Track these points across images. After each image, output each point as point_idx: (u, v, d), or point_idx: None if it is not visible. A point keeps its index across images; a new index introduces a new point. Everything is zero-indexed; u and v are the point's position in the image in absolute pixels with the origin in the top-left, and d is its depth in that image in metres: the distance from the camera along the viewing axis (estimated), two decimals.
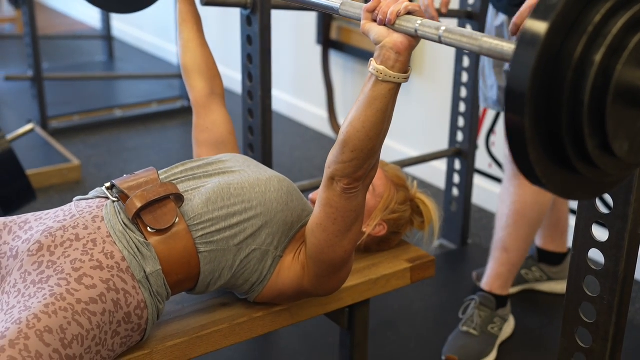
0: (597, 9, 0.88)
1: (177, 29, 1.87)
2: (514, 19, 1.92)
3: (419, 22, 1.24)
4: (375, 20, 1.30)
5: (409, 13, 1.26)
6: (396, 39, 1.26)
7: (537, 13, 0.87)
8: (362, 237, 1.73)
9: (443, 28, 1.18)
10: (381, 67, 1.28)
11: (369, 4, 1.30)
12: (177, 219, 1.45)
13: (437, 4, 2.32)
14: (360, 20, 1.34)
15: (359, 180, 1.39)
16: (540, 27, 0.86)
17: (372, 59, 1.30)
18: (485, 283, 2.34)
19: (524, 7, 1.89)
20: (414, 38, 1.26)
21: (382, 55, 1.28)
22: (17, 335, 1.21)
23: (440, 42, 1.20)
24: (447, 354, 2.19)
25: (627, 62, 0.88)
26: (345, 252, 1.49)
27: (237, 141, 1.85)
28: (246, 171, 1.59)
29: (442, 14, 2.25)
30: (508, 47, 1.06)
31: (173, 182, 1.54)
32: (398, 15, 1.26)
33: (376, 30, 1.29)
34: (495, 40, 1.09)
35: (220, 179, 1.55)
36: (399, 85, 1.30)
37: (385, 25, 1.28)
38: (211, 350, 1.55)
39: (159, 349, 1.47)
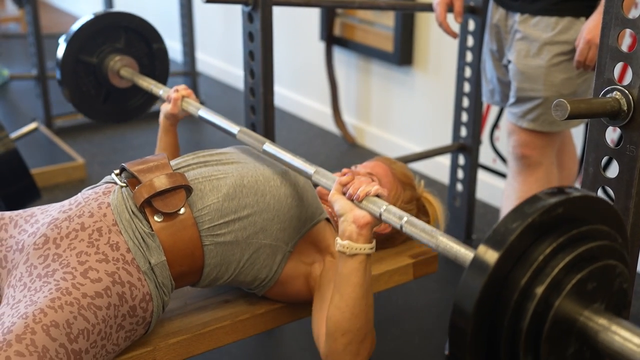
0: (543, 248, 0.95)
1: (156, 151, 1.93)
2: (576, 56, 1.96)
3: (384, 207, 1.34)
4: (344, 194, 1.39)
5: (377, 196, 1.36)
6: (357, 213, 1.36)
7: (489, 242, 0.95)
8: None
9: (405, 219, 1.29)
10: (346, 242, 1.36)
11: (344, 178, 1.41)
12: (184, 209, 1.45)
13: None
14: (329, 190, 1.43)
15: None
16: (490, 256, 0.93)
17: (337, 238, 1.38)
18: None
19: (582, 45, 1.93)
20: (376, 219, 1.36)
21: (345, 230, 1.37)
22: (23, 330, 1.21)
23: (401, 230, 1.30)
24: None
25: (565, 298, 0.95)
26: None
27: None
28: (260, 164, 1.59)
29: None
30: (463, 252, 1.17)
31: (184, 168, 1.53)
32: (367, 195, 1.36)
33: (342, 203, 1.39)
34: (452, 242, 1.19)
35: (234, 170, 1.54)
36: (368, 256, 1.38)
37: (352, 200, 1.37)
38: (214, 347, 1.55)
39: (162, 346, 1.47)
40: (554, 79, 2.08)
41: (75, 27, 2.13)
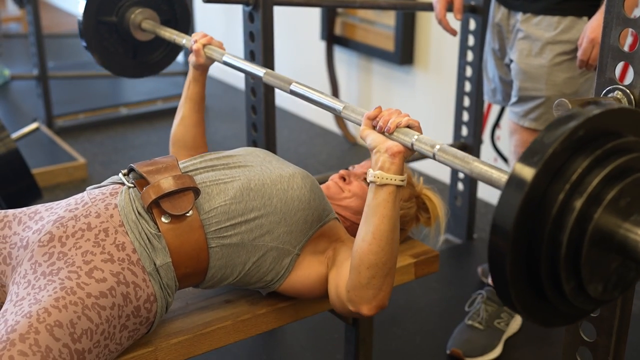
0: (580, 162, 0.95)
1: (180, 101, 1.90)
2: (579, 55, 1.96)
3: (416, 137, 1.32)
4: (374, 127, 1.39)
5: (408, 126, 1.35)
6: (391, 144, 1.35)
7: (525, 159, 0.94)
8: None
9: (437, 147, 1.26)
10: (378, 172, 1.36)
11: (371, 112, 1.40)
12: (192, 212, 1.45)
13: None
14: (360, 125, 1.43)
15: (378, 308, 1.42)
16: (527, 172, 0.92)
17: (369, 169, 1.37)
18: None
19: (586, 44, 1.92)
20: (409, 150, 1.35)
21: (377, 160, 1.36)
22: (27, 330, 1.22)
23: (434, 159, 1.27)
24: (452, 348, 2.19)
25: (604, 211, 0.95)
26: None
27: None
28: (268, 167, 1.58)
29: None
30: (497, 174, 1.14)
31: (192, 172, 1.53)
32: (398, 127, 1.35)
33: (373, 137, 1.38)
34: (486, 166, 1.16)
35: (241, 173, 1.54)
36: (398, 188, 1.37)
37: (383, 133, 1.37)
38: (215, 347, 1.55)
39: (163, 347, 1.47)
40: (556, 79, 2.07)
41: None
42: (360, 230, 1.40)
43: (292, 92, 1.59)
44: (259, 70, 1.71)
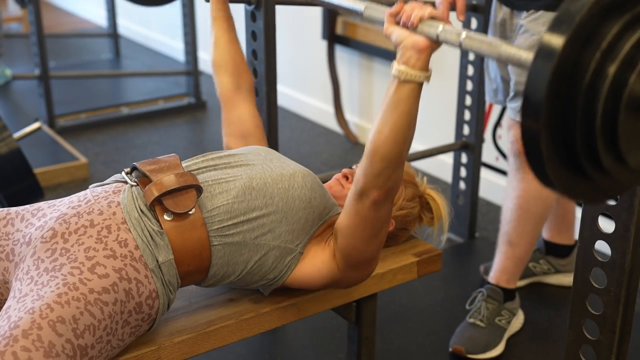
0: (612, 25, 0.90)
1: (210, 29, 1.87)
2: None
3: (441, 27, 1.27)
4: (398, 24, 1.34)
5: (432, 18, 1.30)
6: (417, 38, 1.30)
7: (555, 26, 0.89)
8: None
9: (464, 34, 1.22)
10: (402, 67, 1.31)
11: (393, 8, 1.35)
12: (194, 210, 1.45)
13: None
14: (383, 23, 1.38)
15: (389, 192, 1.41)
16: (557, 40, 0.88)
17: (394, 61, 1.33)
18: (492, 276, 2.34)
19: None
20: (435, 42, 1.30)
21: (403, 55, 1.31)
22: (30, 325, 1.22)
23: (460, 47, 1.23)
24: (454, 345, 2.19)
25: (639, 76, 0.90)
26: (373, 252, 1.52)
27: (264, 135, 1.86)
28: (269, 165, 1.58)
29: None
30: (526, 55, 1.09)
31: (195, 171, 1.53)
32: (421, 20, 1.30)
33: (398, 32, 1.33)
34: (514, 48, 1.12)
35: (243, 172, 1.54)
36: (420, 85, 1.33)
37: (407, 28, 1.32)
38: (218, 346, 1.55)
39: (167, 345, 1.47)
40: None
41: None
42: (377, 123, 1.37)
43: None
44: None
